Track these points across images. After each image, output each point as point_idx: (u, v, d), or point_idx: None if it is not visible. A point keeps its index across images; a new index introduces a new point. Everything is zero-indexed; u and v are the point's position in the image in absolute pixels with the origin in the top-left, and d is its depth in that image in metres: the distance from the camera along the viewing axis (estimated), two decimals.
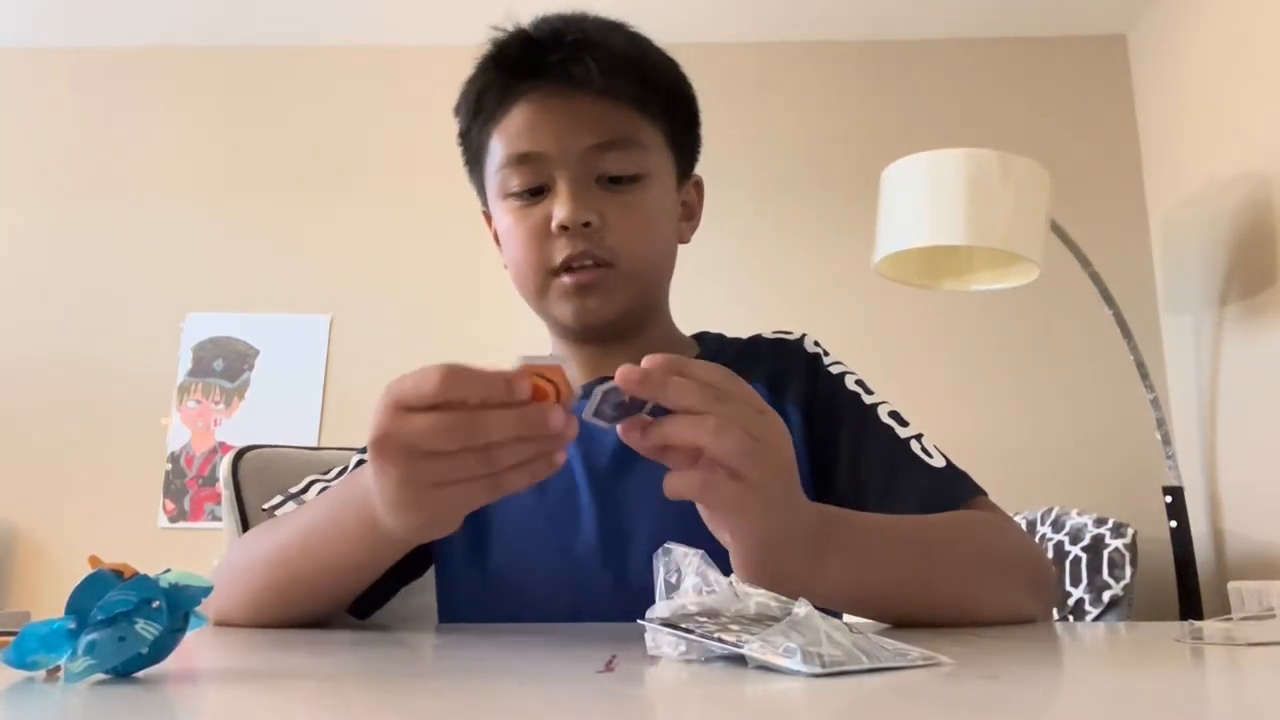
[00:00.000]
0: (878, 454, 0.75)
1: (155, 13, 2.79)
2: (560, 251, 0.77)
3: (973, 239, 1.89)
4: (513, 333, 0.90)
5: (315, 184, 2.85)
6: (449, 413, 0.48)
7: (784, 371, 0.82)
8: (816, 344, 0.86)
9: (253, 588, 0.67)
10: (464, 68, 0.83)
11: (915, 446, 0.74)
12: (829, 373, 0.82)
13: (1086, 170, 2.67)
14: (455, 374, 0.48)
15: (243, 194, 2.85)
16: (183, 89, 2.93)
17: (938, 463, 0.73)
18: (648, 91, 0.80)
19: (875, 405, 0.78)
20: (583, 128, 0.77)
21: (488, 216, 0.87)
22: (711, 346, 0.89)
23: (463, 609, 0.78)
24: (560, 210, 0.76)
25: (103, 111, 2.93)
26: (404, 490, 0.52)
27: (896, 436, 0.75)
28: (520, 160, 0.78)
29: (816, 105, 2.80)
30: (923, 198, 1.93)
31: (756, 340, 0.88)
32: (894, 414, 0.78)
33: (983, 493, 0.73)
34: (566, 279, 0.78)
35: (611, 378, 0.50)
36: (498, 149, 0.80)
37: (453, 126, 0.86)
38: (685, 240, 0.88)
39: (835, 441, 0.77)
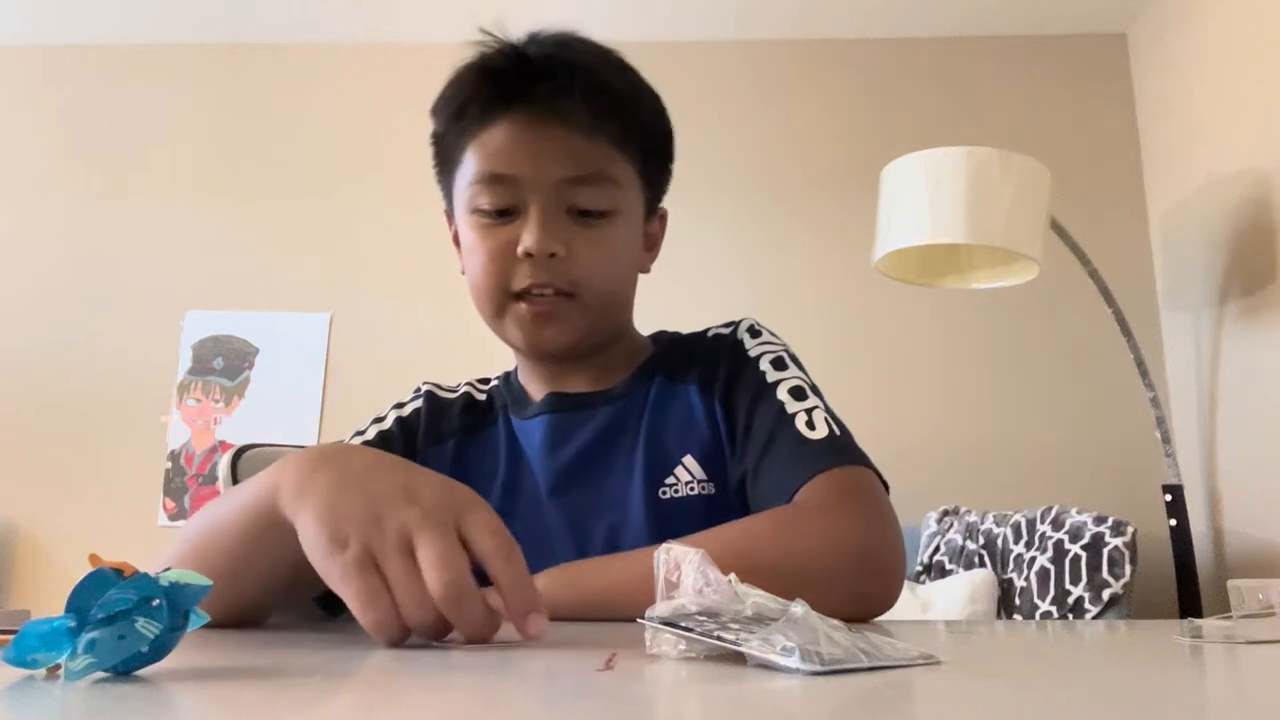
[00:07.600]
0: (763, 424, 0.78)
1: (154, 10, 2.78)
2: (523, 278, 0.78)
3: (972, 237, 1.89)
4: None
5: (315, 182, 2.84)
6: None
7: (715, 366, 0.85)
8: (751, 328, 0.88)
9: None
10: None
11: (800, 419, 0.76)
12: (746, 355, 0.85)
13: (1086, 168, 2.67)
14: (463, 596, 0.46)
15: (243, 192, 2.85)
16: (182, 87, 2.93)
17: (818, 434, 0.75)
18: (630, 130, 0.81)
19: (777, 382, 0.80)
20: (561, 159, 0.78)
21: (449, 216, 0.88)
22: (664, 347, 0.91)
23: None
24: (528, 238, 0.77)
25: (102, 109, 2.93)
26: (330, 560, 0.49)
27: (784, 409, 0.78)
28: (494, 180, 0.79)
29: (816, 103, 2.80)
30: (923, 196, 1.93)
31: (700, 338, 0.91)
32: (796, 390, 0.80)
33: (858, 463, 0.74)
34: (524, 306, 0.80)
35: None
36: (472, 162, 0.81)
37: None
38: (645, 270, 0.90)
39: (736, 415, 0.81)
